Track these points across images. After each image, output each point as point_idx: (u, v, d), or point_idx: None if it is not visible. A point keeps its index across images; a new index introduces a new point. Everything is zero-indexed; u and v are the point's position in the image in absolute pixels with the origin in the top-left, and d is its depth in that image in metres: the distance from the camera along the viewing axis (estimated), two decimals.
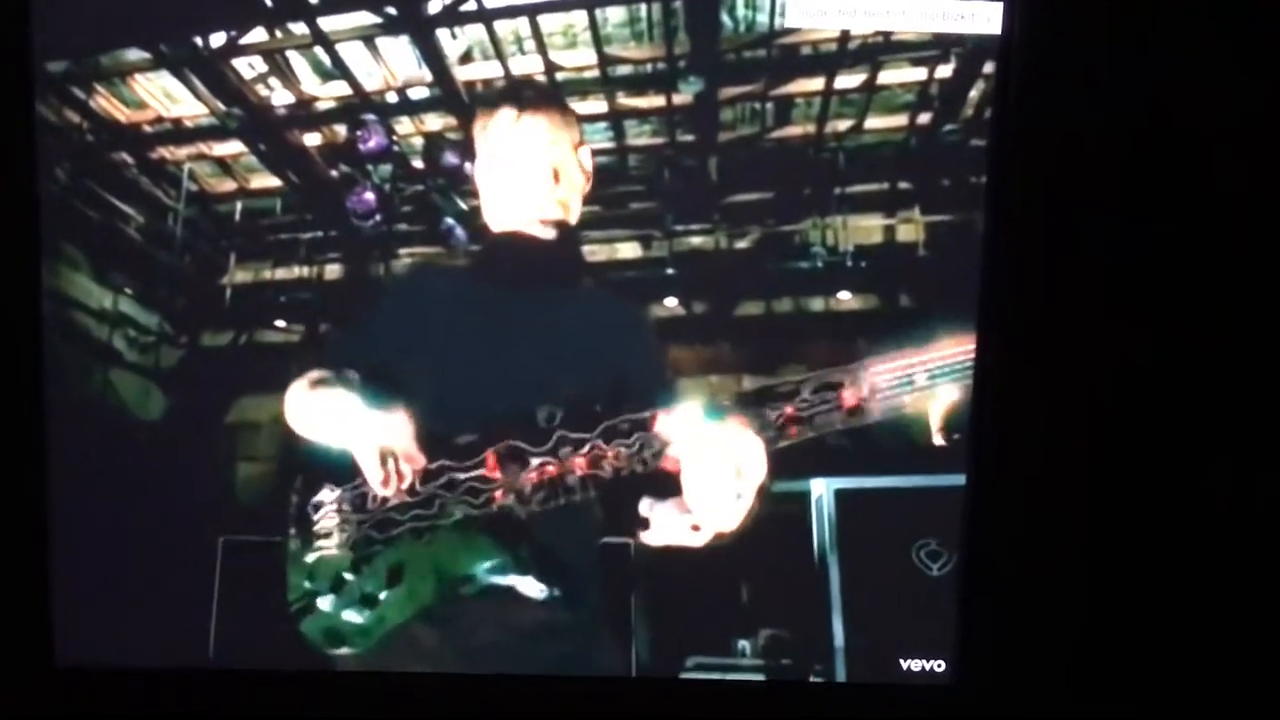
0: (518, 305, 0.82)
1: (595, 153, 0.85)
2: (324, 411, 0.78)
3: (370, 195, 0.84)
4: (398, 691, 0.84)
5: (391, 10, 0.80)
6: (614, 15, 0.81)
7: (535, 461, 0.77)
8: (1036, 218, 0.79)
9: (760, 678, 0.84)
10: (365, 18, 0.81)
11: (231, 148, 0.86)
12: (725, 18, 0.80)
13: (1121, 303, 0.81)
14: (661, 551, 0.80)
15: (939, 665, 0.85)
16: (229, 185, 0.87)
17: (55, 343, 0.81)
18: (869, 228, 0.83)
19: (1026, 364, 0.81)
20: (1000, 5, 0.76)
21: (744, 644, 0.85)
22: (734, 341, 0.84)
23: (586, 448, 0.77)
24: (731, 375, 0.83)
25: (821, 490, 0.84)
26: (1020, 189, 0.78)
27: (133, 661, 0.84)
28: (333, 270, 0.86)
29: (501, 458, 0.77)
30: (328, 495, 0.78)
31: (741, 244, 0.85)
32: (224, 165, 0.86)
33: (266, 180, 0.86)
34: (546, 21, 0.81)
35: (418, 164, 0.84)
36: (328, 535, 0.78)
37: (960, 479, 0.82)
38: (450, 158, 0.83)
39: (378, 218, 0.84)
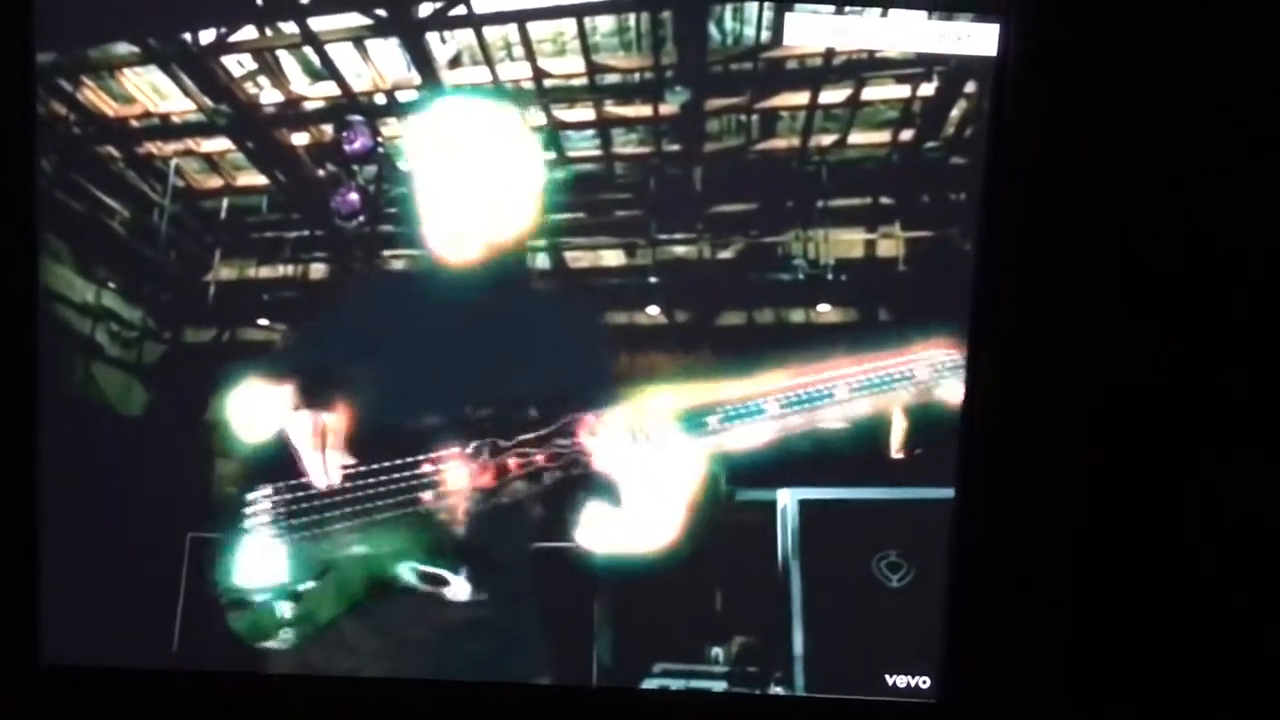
0: (463, 309, 0.82)
1: (581, 160, 0.86)
2: (263, 409, 0.78)
3: (354, 196, 0.84)
4: (379, 699, 0.84)
5: (381, 12, 0.81)
6: (603, 24, 0.82)
7: (471, 462, 0.77)
8: (1028, 232, 0.80)
9: (723, 685, 0.85)
10: (355, 19, 0.81)
11: (219, 144, 0.86)
12: (713, 30, 0.81)
13: (1110, 317, 0.81)
14: (622, 558, 0.81)
15: (924, 681, 0.86)
16: (215, 182, 0.87)
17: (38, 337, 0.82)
18: (850, 241, 0.84)
19: (1014, 378, 0.81)
20: (996, 27, 0.77)
21: (714, 651, 0.85)
22: (713, 349, 0.85)
23: (521, 449, 0.77)
24: (682, 383, 0.83)
25: (786, 500, 0.85)
26: (1013, 204, 0.79)
27: (119, 661, 0.84)
28: (316, 269, 0.86)
29: (437, 458, 0.78)
30: (262, 491, 0.78)
31: (724, 254, 0.86)
32: (211, 162, 0.86)
33: (253, 178, 0.86)
34: (536, 29, 0.81)
35: (402, 165, 0.85)
36: (260, 531, 0.78)
37: (921, 493, 0.83)
38: None
39: (361, 218, 0.85)
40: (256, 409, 0.79)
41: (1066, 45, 0.77)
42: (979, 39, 0.78)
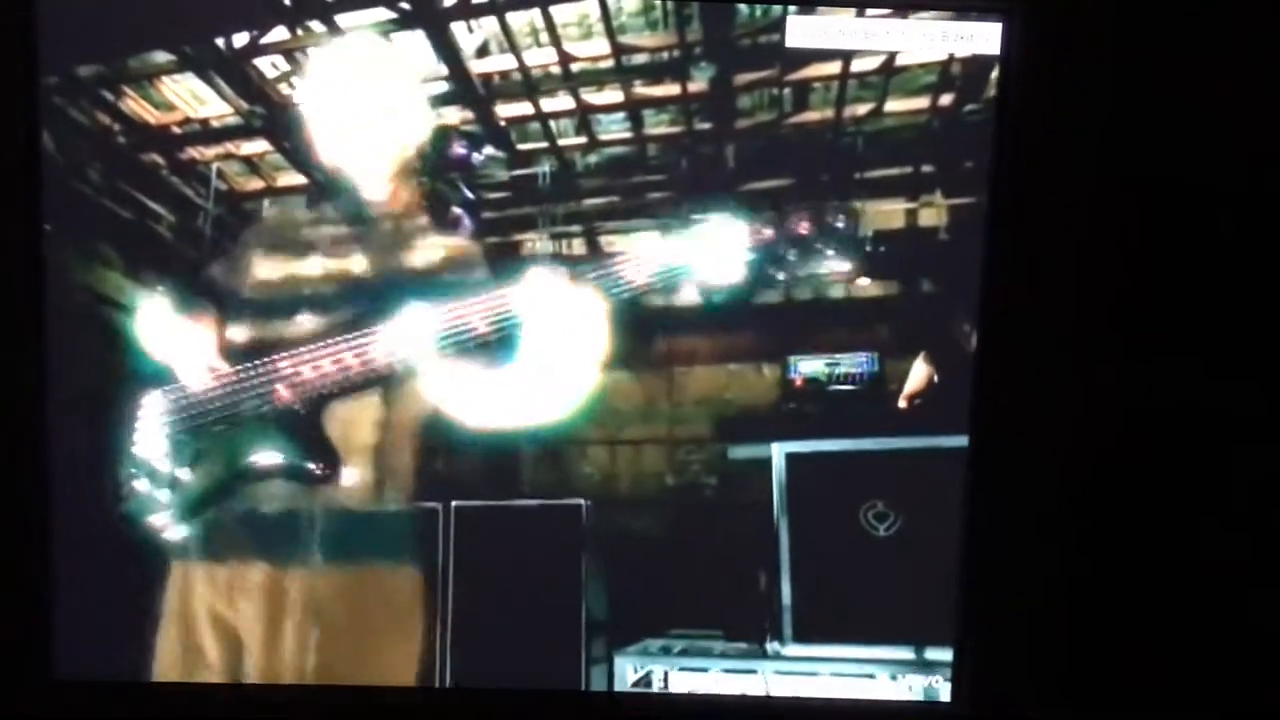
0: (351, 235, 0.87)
1: (612, 143, 0.85)
2: (156, 326, 0.86)
3: None
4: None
5: (406, 5, 0.81)
6: (628, 4, 0.81)
7: (322, 360, 0.85)
8: (1035, 225, 0.79)
9: (719, 642, 0.87)
10: (381, 13, 0.82)
11: (258, 146, 0.87)
12: (739, 3, 0.79)
13: (1121, 313, 0.81)
14: (615, 518, 0.85)
15: (938, 681, 0.86)
16: (256, 184, 0.89)
17: (77, 340, 0.85)
18: (889, 212, 0.82)
19: (1030, 374, 0.80)
20: (999, 25, 0.76)
21: (700, 609, 0.87)
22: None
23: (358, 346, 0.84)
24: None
25: (775, 454, 0.86)
26: (1019, 200, 0.78)
27: (130, 675, 0.88)
28: (356, 262, 0.88)
29: (292, 360, 0.86)
30: (150, 399, 0.87)
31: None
32: (251, 164, 0.88)
33: (293, 178, 0.88)
34: (560, 12, 0.81)
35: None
36: (148, 432, 0.87)
37: (911, 442, 0.84)
38: (459, 149, 0.84)
39: None
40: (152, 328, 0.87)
41: (1070, 43, 0.76)
42: (982, 38, 0.77)
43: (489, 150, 0.85)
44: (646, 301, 0.84)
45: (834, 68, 0.80)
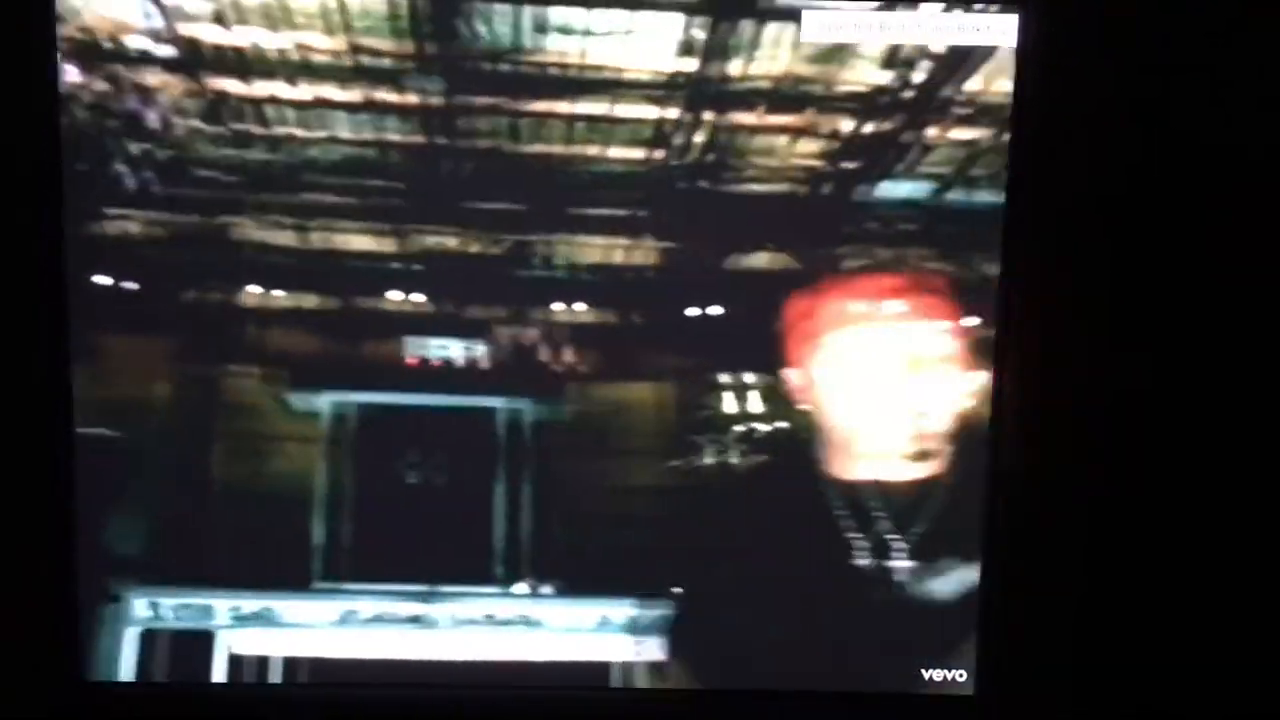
0: None
1: (350, 143, 0.85)
2: None
3: None
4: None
5: None
6: (372, 5, 0.80)
7: None
8: (1052, 224, 0.80)
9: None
10: None
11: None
12: (477, 27, 0.81)
13: (1140, 313, 0.81)
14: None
15: (960, 675, 0.88)
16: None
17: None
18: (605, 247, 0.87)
19: (1045, 372, 0.81)
20: (1016, 17, 0.78)
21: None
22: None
23: None
24: None
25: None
26: (1037, 191, 0.79)
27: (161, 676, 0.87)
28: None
29: None
30: None
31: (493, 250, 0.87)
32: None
33: None
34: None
35: None
36: None
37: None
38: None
39: None
40: None
41: (1087, 34, 0.76)
42: (998, 30, 0.79)
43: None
44: None
45: (564, 106, 0.83)
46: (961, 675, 0.88)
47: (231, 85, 0.82)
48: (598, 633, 0.90)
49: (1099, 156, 0.79)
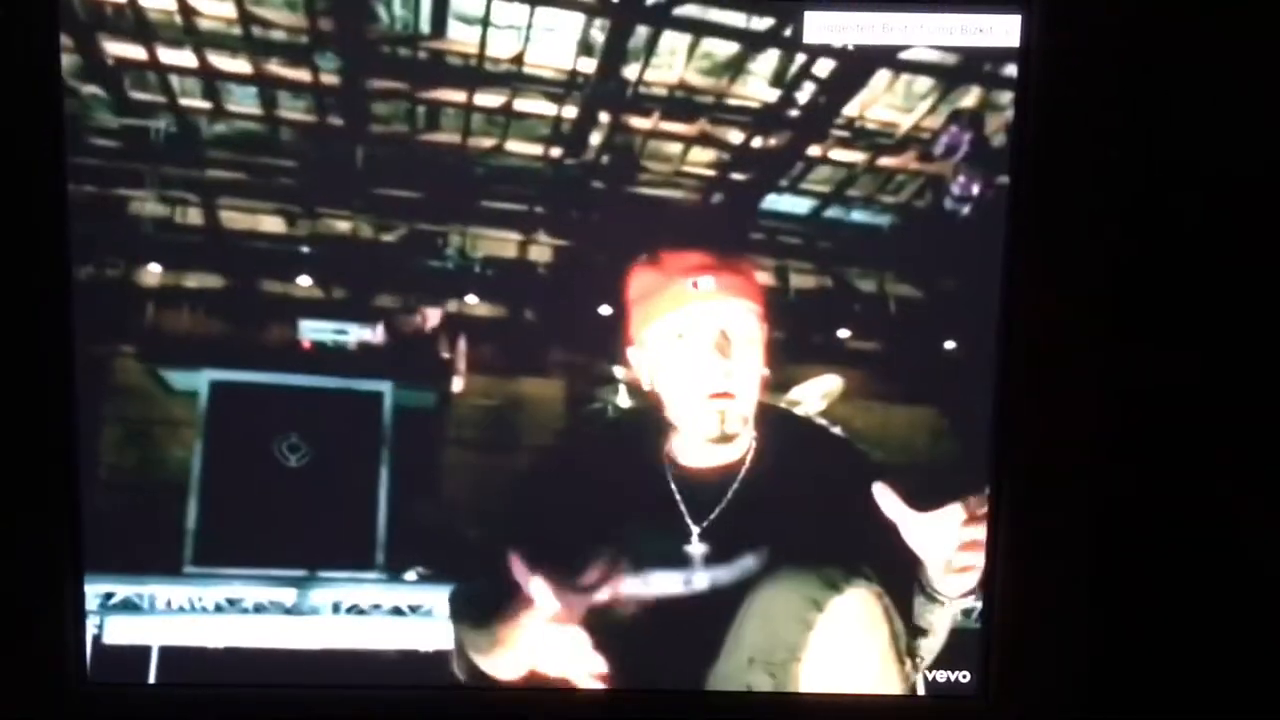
0: None
1: (243, 116, 0.83)
2: None
3: None
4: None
5: None
6: None
7: None
8: (1054, 227, 0.79)
9: None
10: None
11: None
12: (380, 10, 0.80)
13: (1144, 317, 0.81)
14: None
15: (964, 676, 0.87)
16: None
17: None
18: (502, 241, 0.87)
19: (1047, 376, 0.80)
20: (1019, 18, 0.77)
21: None
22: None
23: None
24: None
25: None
26: (1040, 195, 0.78)
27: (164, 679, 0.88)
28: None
29: None
30: None
31: (386, 237, 0.87)
32: None
33: None
34: None
35: None
36: None
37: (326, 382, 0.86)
38: None
39: None
40: None
41: (1092, 35, 0.75)
42: (1000, 31, 0.78)
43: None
44: None
45: (461, 95, 0.83)
46: (965, 676, 0.88)
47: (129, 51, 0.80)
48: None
49: (1100, 157, 0.78)
